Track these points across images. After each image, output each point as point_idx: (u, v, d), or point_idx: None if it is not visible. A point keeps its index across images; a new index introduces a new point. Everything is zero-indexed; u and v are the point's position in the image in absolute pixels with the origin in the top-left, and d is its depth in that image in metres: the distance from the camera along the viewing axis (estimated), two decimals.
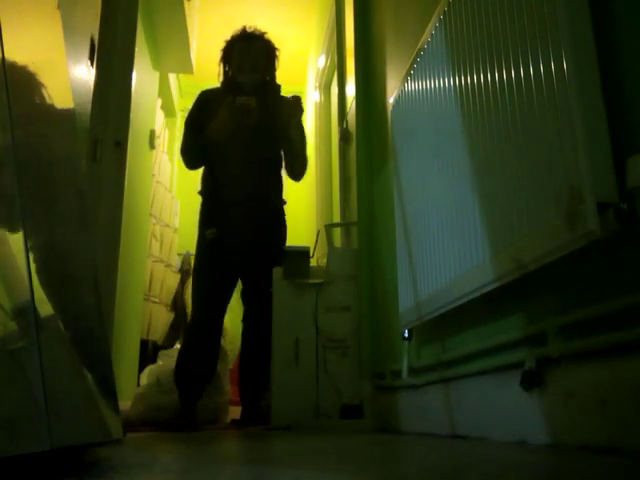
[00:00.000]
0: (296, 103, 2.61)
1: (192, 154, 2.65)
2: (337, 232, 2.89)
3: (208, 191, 2.63)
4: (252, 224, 2.52)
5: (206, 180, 2.66)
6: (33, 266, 0.90)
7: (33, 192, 1.02)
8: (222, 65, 2.69)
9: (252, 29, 2.68)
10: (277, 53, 2.71)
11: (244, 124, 2.54)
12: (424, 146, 1.65)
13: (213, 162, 2.61)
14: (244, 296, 2.64)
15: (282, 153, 2.71)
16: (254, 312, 2.56)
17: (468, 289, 1.31)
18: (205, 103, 2.65)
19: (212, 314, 2.50)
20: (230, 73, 2.66)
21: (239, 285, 2.64)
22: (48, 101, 1.32)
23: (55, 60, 1.41)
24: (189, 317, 2.64)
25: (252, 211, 2.54)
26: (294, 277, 2.36)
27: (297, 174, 2.75)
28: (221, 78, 2.70)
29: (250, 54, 2.62)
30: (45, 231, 1.08)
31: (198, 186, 2.68)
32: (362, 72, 2.57)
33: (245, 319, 2.65)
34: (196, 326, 2.52)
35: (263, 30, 2.69)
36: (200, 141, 2.58)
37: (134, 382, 3.18)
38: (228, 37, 2.70)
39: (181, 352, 2.55)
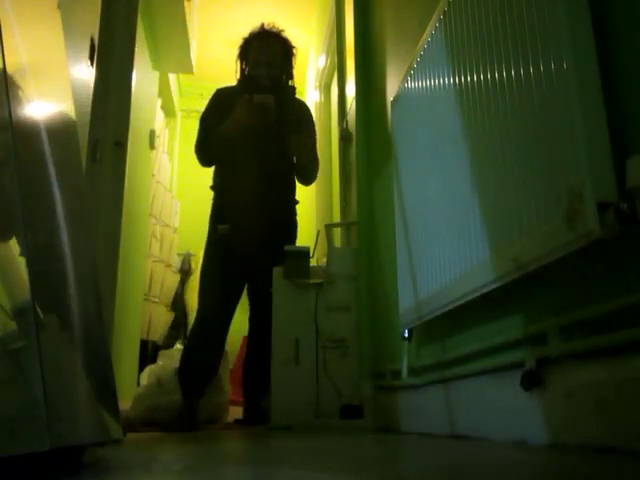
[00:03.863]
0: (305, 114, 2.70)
1: (208, 151, 2.64)
2: (337, 232, 2.88)
3: (222, 188, 2.63)
4: (265, 223, 2.52)
5: (220, 176, 2.66)
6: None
7: (33, 192, 1.02)
8: (239, 62, 2.71)
9: (270, 26, 2.71)
10: (294, 51, 2.74)
11: (260, 122, 2.55)
12: (424, 146, 1.65)
13: (228, 159, 2.60)
14: (251, 295, 2.63)
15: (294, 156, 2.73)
16: (261, 312, 2.54)
17: (468, 289, 1.31)
18: (221, 101, 2.65)
19: (221, 312, 2.47)
20: (246, 70, 2.68)
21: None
22: (48, 101, 1.32)
23: (55, 60, 1.41)
24: (192, 315, 2.62)
25: (265, 210, 2.54)
26: (294, 277, 2.36)
27: (306, 181, 2.83)
28: (237, 75, 2.72)
29: (267, 49, 2.64)
30: (45, 231, 1.08)
31: (199, 186, 2.68)
32: (362, 72, 2.57)
33: (252, 319, 2.64)
34: (204, 323, 2.48)
35: (280, 28, 2.72)
36: (216, 138, 2.58)
37: (134, 382, 3.17)
38: (246, 34, 2.72)
39: (187, 349, 2.54)
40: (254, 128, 2.55)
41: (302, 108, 2.79)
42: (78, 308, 1.23)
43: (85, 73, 2.09)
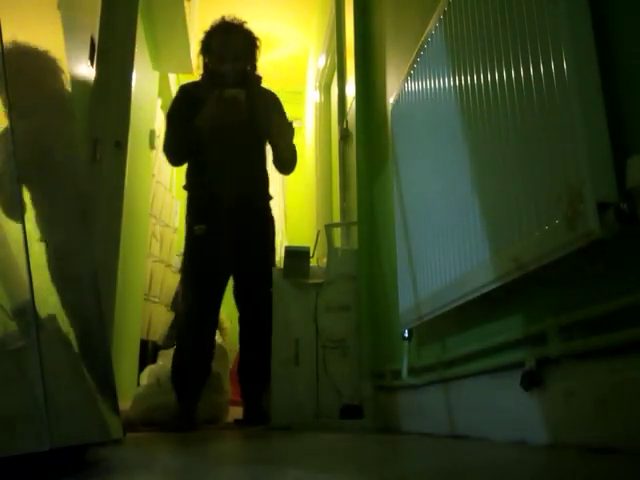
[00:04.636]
0: (276, 101, 2.64)
1: (179, 150, 2.58)
2: (337, 232, 2.89)
3: (195, 186, 2.57)
4: (241, 220, 2.49)
5: (193, 175, 2.60)
6: (41, 264, 0.90)
7: (33, 191, 1.02)
8: (202, 57, 2.65)
9: (231, 18, 2.64)
10: (258, 43, 2.67)
11: (233, 118, 2.49)
12: (424, 146, 1.65)
13: (200, 157, 2.54)
14: (237, 294, 2.59)
15: (268, 146, 2.68)
16: (250, 311, 2.53)
17: (468, 289, 1.31)
18: (187, 97, 2.59)
19: (204, 313, 2.45)
20: (210, 65, 2.62)
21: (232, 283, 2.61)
22: (48, 101, 1.32)
23: (55, 60, 1.41)
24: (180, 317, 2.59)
25: (241, 207, 2.50)
26: (294, 277, 2.36)
27: (287, 167, 2.73)
28: (201, 71, 2.66)
29: (230, 43, 2.58)
30: (45, 231, 1.08)
31: None
32: (362, 72, 2.57)
33: (241, 319, 2.61)
34: (190, 328, 2.46)
35: (242, 20, 2.65)
36: (187, 135, 2.52)
37: (134, 382, 3.17)
38: (207, 28, 2.66)
39: (176, 354, 2.51)
40: (226, 123, 2.49)
41: (271, 97, 2.72)
42: (78, 307, 1.23)
43: (85, 73, 2.09)
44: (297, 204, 5.04)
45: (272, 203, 2.72)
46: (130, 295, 3.12)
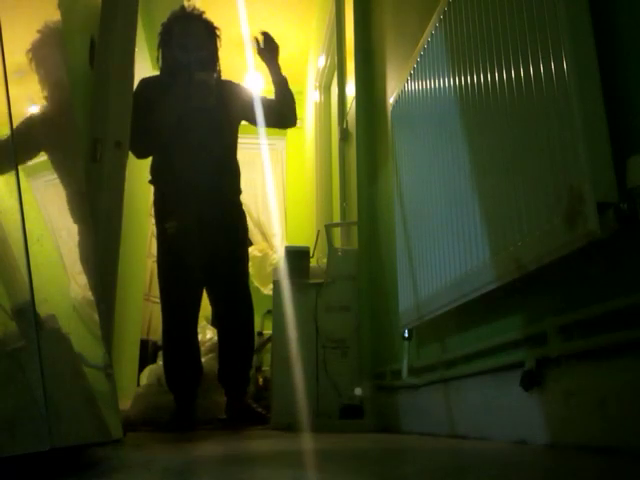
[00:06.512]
0: (269, 41, 2.55)
1: (143, 141, 2.44)
2: (337, 232, 2.88)
3: (163, 180, 2.49)
4: (212, 216, 2.43)
5: (159, 168, 2.51)
6: (41, 264, 0.90)
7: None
8: (161, 49, 2.57)
9: (191, 8, 2.56)
10: (218, 32, 2.60)
11: (203, 104, 2.41)
12: (424, 146, 1.65)
13: (166, 148, 2.46)
14: (212, 295, 2.55)
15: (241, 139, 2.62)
16: (227, 307, 2.49)
17: (468, 289, 1.31)
18: (150, 89, 2.47)
19: (185, 314, 2.42)
20: (172, 56, 2.52)
21: None
22: (48, 101, 1.32)
23: (55, 60, 1.41)
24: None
25: (211, 202, 2.43)
26: (294, 277, 2.36)
27: (289, 117, 2.62)
28: (160, 63, 2.58)
29: (191, 33, 2.51)
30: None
31: None
32: (362, 72, 2.57)
33: (218, 318, 2.59)
34: (172, 330, 2.43)
35: (202, 10, 2.59)
36: (152, 126, 2.42)
37: (134, 382, 3.17)
38: (165, 20, 2.59)
39: (164, 358, 2.49)
40: (195, 111, 2.41)
41: (236, 85, 2.66)
42: (78, 306, 1.23)
43: (85, 73, 2.09)
44: (297, 204, 5.05)
45: (272, 202, 2.70)
46: (130, 295, 3.12)
